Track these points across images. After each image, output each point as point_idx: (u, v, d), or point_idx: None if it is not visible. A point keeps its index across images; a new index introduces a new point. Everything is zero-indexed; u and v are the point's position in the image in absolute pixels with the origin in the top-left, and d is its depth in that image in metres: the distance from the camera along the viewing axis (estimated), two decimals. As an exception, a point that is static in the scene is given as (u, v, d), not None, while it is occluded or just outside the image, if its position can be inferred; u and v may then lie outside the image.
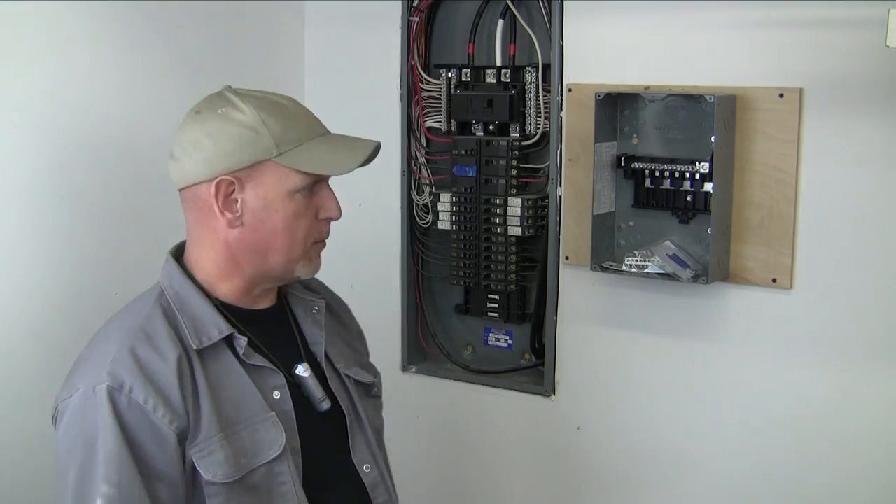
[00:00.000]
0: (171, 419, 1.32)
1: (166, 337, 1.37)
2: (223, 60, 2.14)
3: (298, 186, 1.40)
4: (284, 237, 1.41)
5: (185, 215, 1.45)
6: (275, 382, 1.44)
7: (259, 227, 1.40)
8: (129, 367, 1.33)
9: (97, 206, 1.89)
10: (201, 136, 1.38)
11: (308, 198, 1.42)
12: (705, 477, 2.02)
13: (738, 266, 1.91)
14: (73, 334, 1.84)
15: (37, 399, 1.80)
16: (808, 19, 1.81)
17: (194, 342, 1.38)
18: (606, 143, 1.98)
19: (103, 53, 1.90)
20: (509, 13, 2.15)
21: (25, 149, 1.77)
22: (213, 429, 1.35)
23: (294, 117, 1.43)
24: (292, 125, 1.41)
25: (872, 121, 1.77)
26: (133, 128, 1.95)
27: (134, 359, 1.33)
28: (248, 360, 1.42)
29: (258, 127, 1.38)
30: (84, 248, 1.87)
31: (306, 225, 1.43)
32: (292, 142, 1.40)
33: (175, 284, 1.43)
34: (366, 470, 1.51)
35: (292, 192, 1.40)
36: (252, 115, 1.38)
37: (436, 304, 2.39)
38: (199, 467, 1.33)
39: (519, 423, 2.22)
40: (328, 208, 1.45)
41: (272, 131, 1.38)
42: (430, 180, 2.31)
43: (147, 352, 1.35)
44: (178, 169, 1.41)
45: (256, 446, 1.38)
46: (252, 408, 1.39)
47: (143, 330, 1.37)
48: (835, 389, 1.87)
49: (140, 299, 1.45)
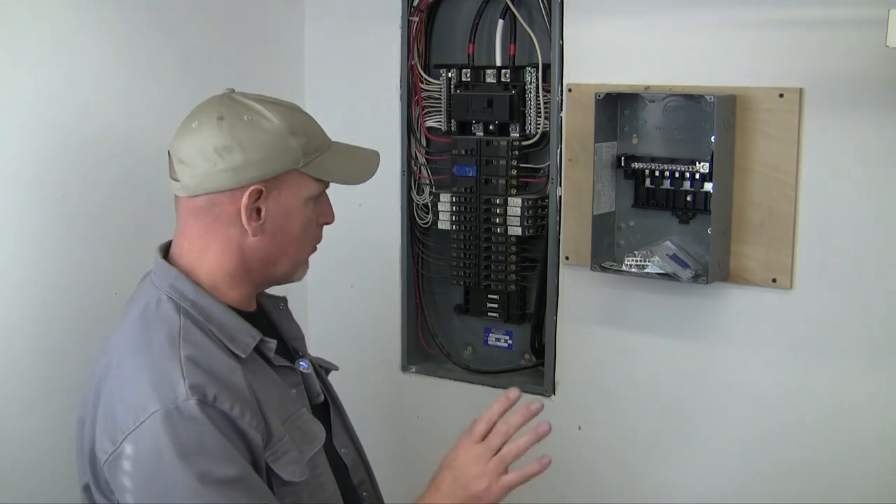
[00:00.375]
0: (257, 424, 1.30)
1: (213, 346, 1.33)
2: (223, 60, 2.14)
3: (314, 194, 1.42)
4: (298, 244, 1.42)
5: (188, 222, 1.40)
6: (293, 380, 1.46)
7: (278, 234, 1.39)
8: (203, 377, 1.28)
9: (97, 206, 1.89)
10: (230, 144, 1.34)
11: (316, 205, 1.44)
12: (705, 476, 2.02)
13: (738, 266, 1.92)
14: (73, 334, 1.85)
15: (37, 399, 1.80)
16: (808, 19, 1.81)
17: (238, 351, 1.36)
18: (606, 143, 1.98)
19: (103, 53, 1.90)
20: (509, 13, 2.15)
21: (26, 148, 1.77)
22: (279, 431, 1.34)
23: (311, 125, 1.44)
24: (313, 134, 1.42)
25: (872, 121, 1.78)
26: (133, 127, 1.95)
27: (203, 369, 1.29)
28: (276, 361, 1.42)
29: (287, 136, 1.36)
30: (84, 248, 1.87)
31: (317, 230, 1.46)
32: (315, 151, 1.40)
33: (188, 295, 1.37)
34: (343, 452, 1.52)
35: (307, 200, 1.41)
36: (280, 124, 1.36)
37: (436, 304, 2.39)
38: (277, 469, 1.32)
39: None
40: (327, 214, 1.47)
41: (299, 141, 1.38)
42: (430, 180, 2.31)
43: (209, 361, 1.31)
44: (193, 175, 1.36)
45: (304, 443, 1.39)
46: (291, 406, 1.41)
47: (187, 341, 1.32)
48: (835, 389, 1.87)
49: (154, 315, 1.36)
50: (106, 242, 1.91)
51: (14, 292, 1.77)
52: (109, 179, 1.91)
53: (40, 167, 1.79)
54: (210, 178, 1.35)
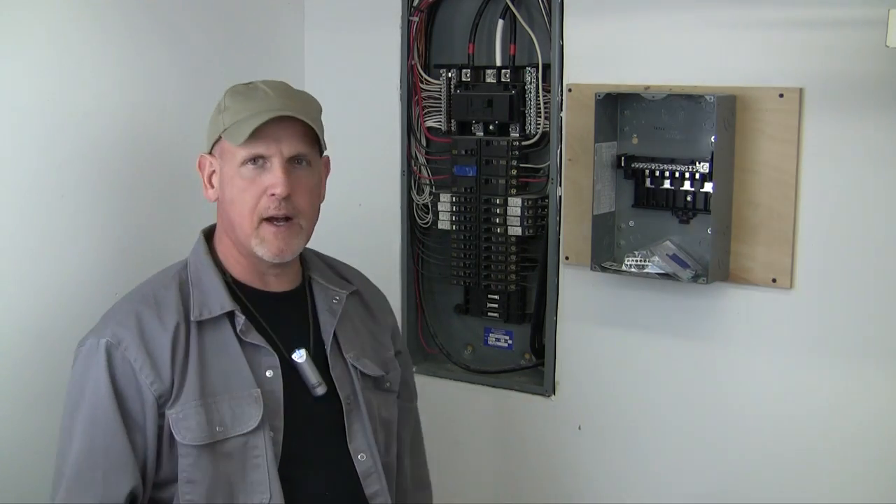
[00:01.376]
0: (153, 381, 1.46)
1: (172, 306, 1.51)
2: (223, 61, 2.14)
3: (241, 160, 1.51)
4: (237, 209, 1.52)
5: None
6: (269, 362, 1.53)
7: (223, 201, 1.55)
8: (130, 327, 1.48)
9: (97, 206, 1.89)
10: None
11: (257, 174, 1.51)
12: (705, 476, 2.02)
13: (738, 266, 1.92)
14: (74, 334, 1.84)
15: (37, 399, 1.80)
16: (808, 19, 1.81)
17: (195, 314, 1.51)
18: (606, 143, 1.98)
19: (103, 53, 1.90)
20: (509, 13, 2.15)
21: (26, 147, 1.77)
22: (192, 395, 1.47)
23: (255, 98, 1.53)
24: (248, 105, 1.51)
25: (872, 121, 1.78)
26: (133, 127, 1.95)
27: (137, 321, 1.49)
28: (245, 337, 1.52)
29: (220, 108, 1.54)
30: (84, 247, 1.87)
31: (252, 198, 1.51)
32: (234, 118, 1.51)
33: (197, 260, 1.56)
34: (360, 458, 1.56)
35: (238, 167, 1.51)
36: (222, 100, 1.55)
37: (436, 304, 2.38)
38: (173, 429, 1.46)
39: (519, 423, 2.22)
40: (271, 184, 1.50)
41: (229, 111, 1.52)
42: (430, 180, 2.31)
43: (150, 317, 1.50)
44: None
45: (235, 418, 1.48)
46: (238, 382, 1.50)
47: (154, 297, 1.52)
48: (835, 389, 1.87)
49: (168, 268, 1.58)
50: (106, 242, 1.91)
51: (14, 291, 1.77)
52: (109, 179, 1.91)
53: (40, 167, 1.79)
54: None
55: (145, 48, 1.98)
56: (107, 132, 1.90)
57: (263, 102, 1.51)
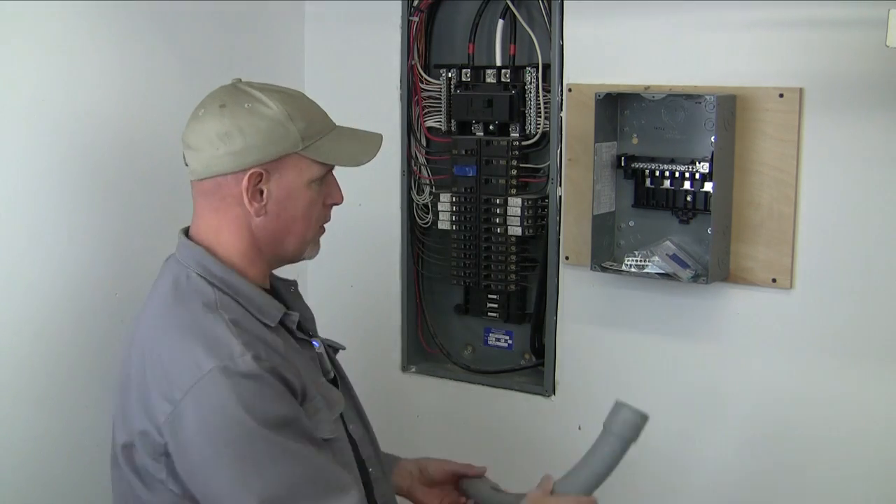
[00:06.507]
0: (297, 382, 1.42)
1: (247, 315, 1.44)
2: (223, 60, 2.14)
3: (316, 176, 1.49)
4: (302, 223, 1.50)
5: (200, 204, 1.50)
6: (311, 354, 1.56)
7: (281, 214, 1.48)
8: (249, 337, 1.39)
9: (97, 205, 1.89)
10: (231, 130, 1.43)
11: (321, 186, 1.51)
12: (705, 476, 2.02)
13: (738, 266, 1.92)
14: (73, 334, 1.85)
15: (37, 399, 1.80)
16: (808, 19, 1.81)
17: (267, 321, 1.46)
18: (606, 143, 1.98)
19: (103, 53, 1.90)
20: (509, 13, 2.15)
21: (26, 147, 1.77)
22: (312, 391, 1.46)
23: (312, 111, 1.51)
24: (313, 119, 1.49)
25: (872, 121, 1.78)
26: (133, 126, 1.95)
27: (248, 332, 1.40)
28: (298, 334, 1.53)
29: (285, 122, 1.45)
30: (84, 247, 1.87)
31: (319, 211, 1.52)
32: (315, 135, 1.48)
33: (215, 271, 1.47)
34: (352, 428, 1.58)
35: (310, 182, 1.48)
36: (279, 110, 1.45)
37: (436, 304, 2.39)
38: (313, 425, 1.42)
39: (519, 423, 2.22)
40: (334, 195, 1.54)
41: (297, 126, 1.46)
42: (430, 180, 2.31)
43: (250, 325, 1.42)
44: (199, 160, 1.46)
45: (329, 406, 1.49)
46: (313, 373, 1.52)
47: (225, 309, 1.42)
48: (835, 389, 1.87)
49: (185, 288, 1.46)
50: (106, 242, 1.91)
51: (14, 292, 1.77)
52: (109, 179, 1.91)
53: (41, 167, 1.79)
54: (214, 162, 1.44)
55: (145, 48, 1.98)
56: (107, 132, 1.90)
57: (326, 115, 1.53)
